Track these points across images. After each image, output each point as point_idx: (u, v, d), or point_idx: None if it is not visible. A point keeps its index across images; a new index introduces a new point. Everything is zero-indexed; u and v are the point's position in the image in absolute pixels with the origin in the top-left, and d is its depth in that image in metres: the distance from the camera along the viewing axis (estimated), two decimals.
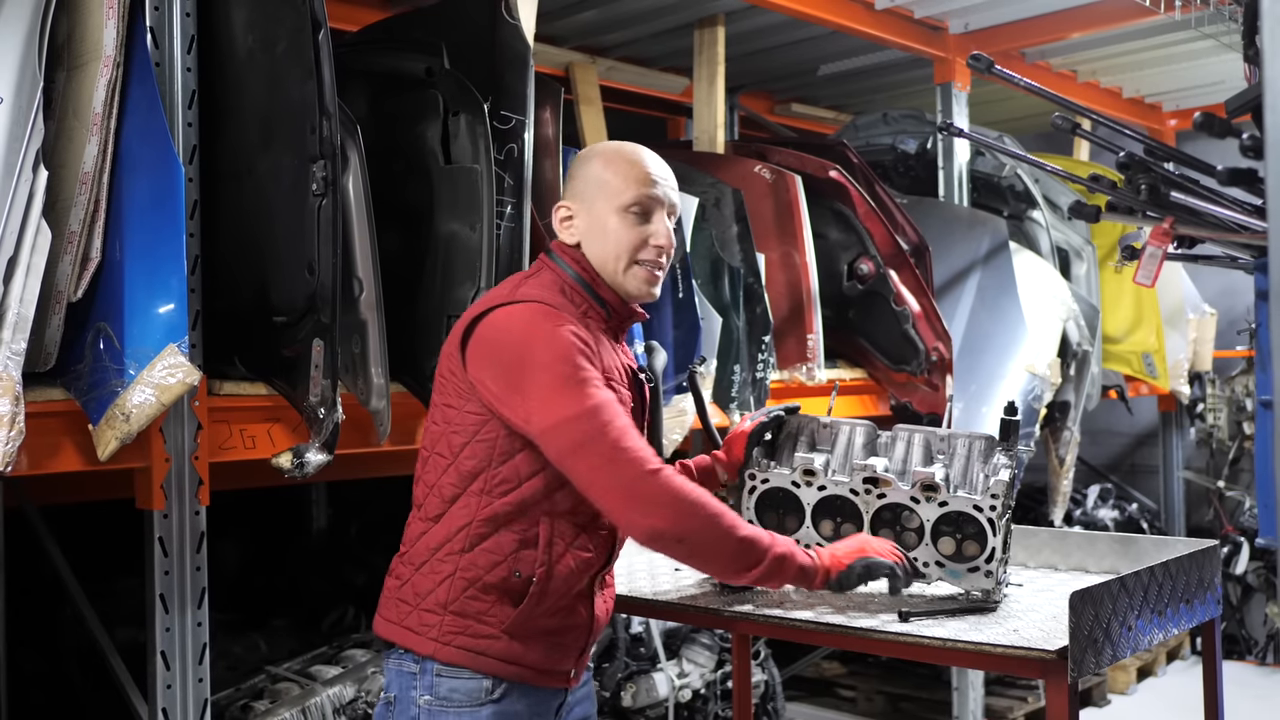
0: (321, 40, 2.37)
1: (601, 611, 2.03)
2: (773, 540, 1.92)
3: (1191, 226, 2.45)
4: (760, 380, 3.60)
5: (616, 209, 1.98)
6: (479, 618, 1.89)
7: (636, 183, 1.99)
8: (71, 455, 2.26)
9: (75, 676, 3.69)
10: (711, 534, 1.85)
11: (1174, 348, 5.40)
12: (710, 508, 1.85)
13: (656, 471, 1.82)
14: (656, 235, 1.98)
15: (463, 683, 1.89)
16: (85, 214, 2.23)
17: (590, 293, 1.99)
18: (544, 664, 1.94)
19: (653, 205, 1.99)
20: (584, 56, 4.67)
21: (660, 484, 1.82)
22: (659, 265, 2.00)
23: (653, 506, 1.81)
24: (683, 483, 1.84)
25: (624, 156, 2.03)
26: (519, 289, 1.96)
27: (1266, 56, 1.01)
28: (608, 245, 1.98)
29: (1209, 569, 2.22)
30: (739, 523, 1.89)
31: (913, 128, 5.07)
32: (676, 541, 1.84)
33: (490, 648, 1.89)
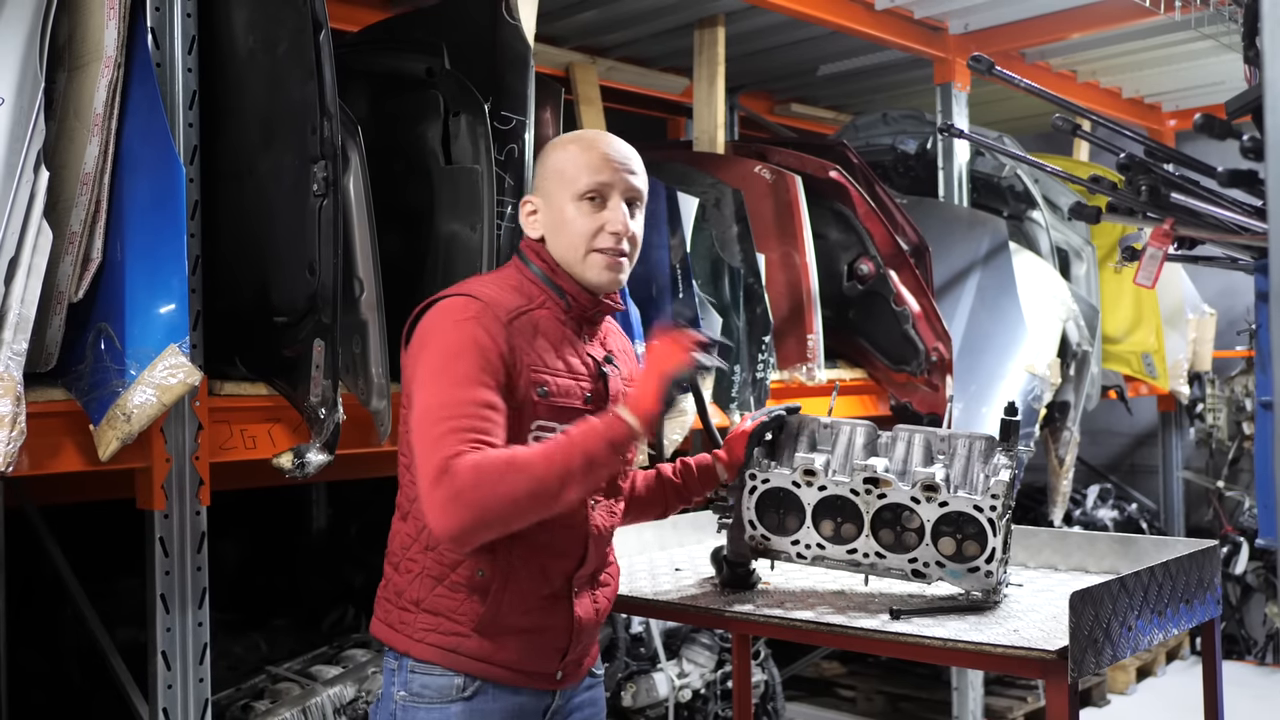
0: (322, 41, 2.37)
1: (586, 613, 1.98)
2: (568, 451, 1.76)
3: (1192, 228, 2.45)
4: (760, 380, 3.60)
5: (572, 197, 1.95)
6: (449, 615, 1.88)
7: (590, 169, 1.96)
8: (72, 455, 2.26)
9: (76, 676, 3.69)
10: (507, 504, 1.72)
11: (1173, 348, 5.40)
12: (490, 485, 1.71)
13: (444, 472, 1.72)
14: (612, 221, 1.95)
15: (434, 679, 1.89)
16: (86, 214, 2.23)
17: (550, 284, 1.96)
18: (520, 664, 1.91)
19: (608, 191, 1.96)
20: (584, 57, 4.67)
21: (440, 482, 1.72)
22: (619, 252, 1.96)
23: (441, 506, 1.72)
24: (472, 467, 1.71)
25: (578, 144, 2.00)
26: (467, 284, 1.95)
27: (1267, 58, 1.01)
28: (566, 235, 1.96)
29: (1209, 569, 2.22)
30: (525, 468, 1.73)
31: (912, 128, 5.08)
32: (480, 530, 1.74)
33: (461, 645, 1.88)
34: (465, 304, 1.87)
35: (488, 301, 1.87)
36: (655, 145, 5.05)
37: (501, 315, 1.87)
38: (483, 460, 1.73)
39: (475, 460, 1.73)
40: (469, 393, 1.79)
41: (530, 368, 1.87)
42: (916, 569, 2.18)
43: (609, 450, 1.78)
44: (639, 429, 1.79)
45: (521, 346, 1.87)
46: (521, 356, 1.86)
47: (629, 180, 1.98)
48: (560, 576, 1.93)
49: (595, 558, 1.99)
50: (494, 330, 1.85)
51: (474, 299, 1.87)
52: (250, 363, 2.55)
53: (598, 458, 1.78)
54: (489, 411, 1.79)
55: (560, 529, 1.91)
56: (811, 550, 2.26)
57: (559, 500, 1.77)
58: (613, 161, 1.97)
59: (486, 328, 1.84)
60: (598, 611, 2.02)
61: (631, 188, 1.98)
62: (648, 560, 2.69)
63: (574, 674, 2.02)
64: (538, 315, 1.93)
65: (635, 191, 1.99)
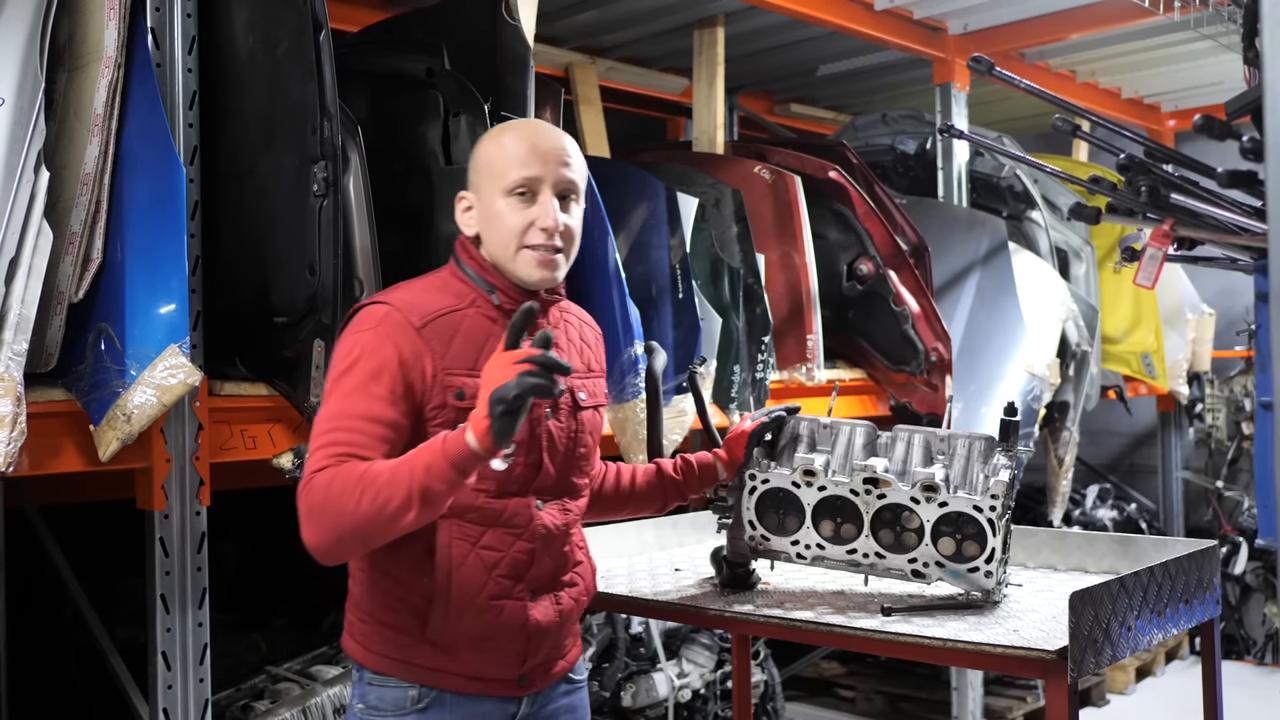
0: (323, 41, 2.37)
1: (546, 616, 1.90)
2: (411, 468, 1.67)
3: (1191, 228, 2.45)
4: (760, 380, 3.60)
5: (501, 192, 1.87)
6: (400, 625, 1.85)
7: (519, 163, 1.87)
8: (73, 456, 2.27)
9: (76, 677, 3.69)
10: (353, 521, 1.67)
11: (1173, 348, 5.40)
12: (338, 502, 1.67)
13: (305, 486, 1.70)
14: (543, 217, 1.86)
15: (389, 691, 1.86)
16: (86, 215, 2.23)
17: (480, 283, 1.90)
18: (477, 671, 1.86)
19: (538, 185, 1.87)
20: (584, 57, 4.67)
21: (301, 498, 1.71)
22: (552, 249, 1.87)
23: (304, 523, 1.71)
24: (325, 483, 1.69)
25: (506, 136, 1.92)
26: (393, 288, 1.91)
27: (1266, 59, 1.01)
28: (496, 232, 1.88)
29: (1208, 569, 2.22)
30: (370, 485, 1.66)
31: (912, 128, 5.08)
32: (337, 546, 1.70)
33: (414, 655, 1.85)
34: (371, 313, 1.83)
35: (399, 307, 1.82)
36: (655, 145, 5.06)
37: (414, 320, 1.81)
38: (336, 475, 1.69)
39: (330, 475, 1.69)
40: (351, 405, 1.75)
41: (445, 371, 1.81)
42: (916, 569, 2.18)
43: (450, 469, 1.66)
44: (478, 448, 1.65)
45: (436, 350, 1.81)
46: (435, 361, 1.81)
47: (561, 173, 1.89)
48: (507, 580, 1.86)
49: (548, 559, 1.90)
50: (399, 338, 1.79)
51: (383, 306, 1.83)
52: (250, 363, 2.55)
53: (439, 475, 1.66)
54: (369, 424, 1.74)
55: (501, 531, 1.85)
56: (811, 550, 2.26)
57: (404, 517, 1.67)
58: (543, 153, 1.88)
59: (389, 336, 1.79)
60: (561, 614, 1.93)
61: (564, 180, 1.90)
62: (648, 560, 2.70)
63: (541, 679, 1.95)
64: (462, 316, 1.86)
65: (568, 184, 1.90)
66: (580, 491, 2.01)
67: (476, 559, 1.84)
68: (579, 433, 1.97)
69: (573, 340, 2.03)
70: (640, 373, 3.05)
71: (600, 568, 2.59)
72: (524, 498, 1.88)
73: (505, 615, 1.85)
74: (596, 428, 2.04)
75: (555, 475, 1.92)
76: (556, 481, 1.93)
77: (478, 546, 1.84)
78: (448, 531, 1.83)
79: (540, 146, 1.89)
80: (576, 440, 1.97)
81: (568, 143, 1.93)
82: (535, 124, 1.98)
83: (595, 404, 2.04)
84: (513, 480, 1.86)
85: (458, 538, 1.83)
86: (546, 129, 1.94)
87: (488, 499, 1.84)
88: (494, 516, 1.85)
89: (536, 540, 1.88)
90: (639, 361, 3.05)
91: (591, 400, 2.02)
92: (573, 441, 1.96)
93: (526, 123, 1.99)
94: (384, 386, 1.77)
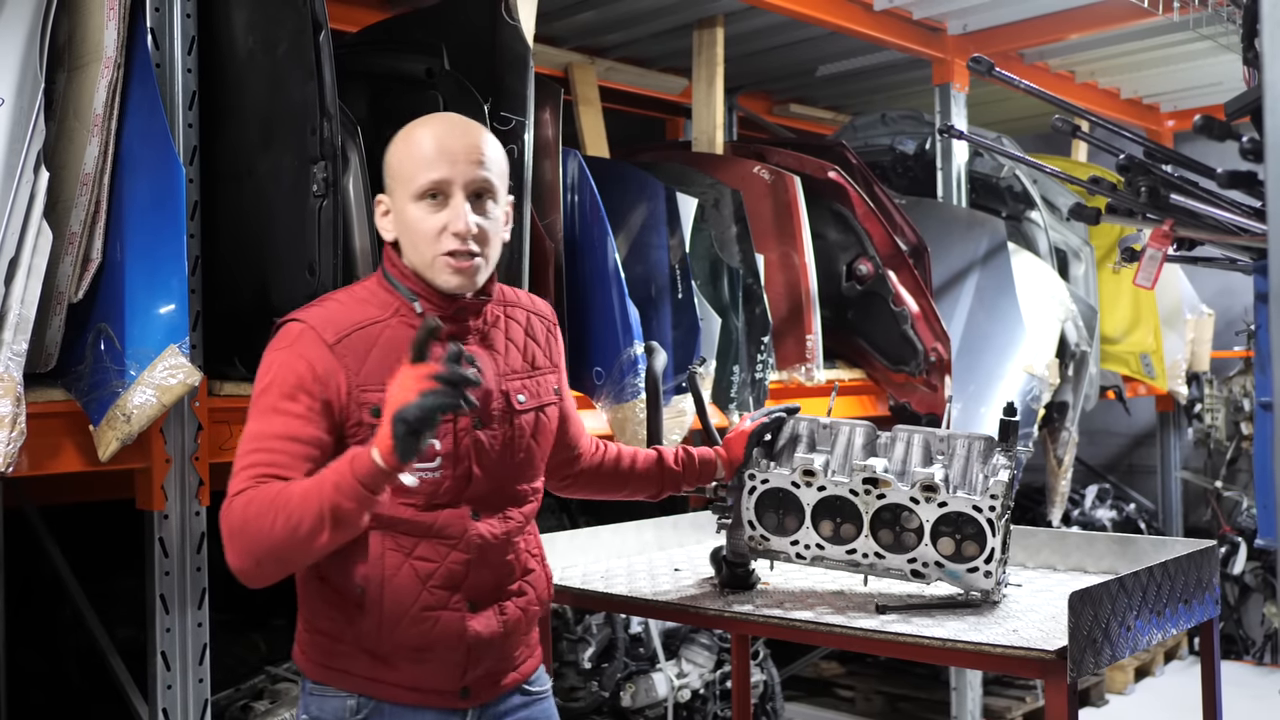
0: (322, 41, 2.37)
1: (488, 627, 1.84)
2: (320, 488, 1.63)
3: (1191, 229, 2.46)
4: (759, 381, 3.60)
5: (411, 197, 1.80)
6: (338, 634, 1.83)
7: (425, 165, 1.79)
8: (72, 456, 2.26)
9: (75, 677, 3.68)
10: (269, 544, 1.64)
11: (1172, 348, 5.40)
12: (254, 524, 1.64)
13: (226, 510, 1.67)
14: (454, 221, 1.78)
15: (329, 701, 1.84)
16: (86, 215, 2.23)
17: (404, 291, 1.84)
18: (415, 682, 1.82)
19: (448, 187, 1.78)
20: (583, 57, 4.67)
21: (222, 521, 1.68)
22: (467, 254, 1.79)
23: (225, 546, 1.67)
24: (243, 506, 1.66)
25: (413, 136, 1.83)
26: (315, 302, 1.86)
27: (1266, 60, 1.01)
28: (410, 239, 1.82)
29: (1207, 569, 2.22)
30: (284, 506, 1.63)
31: (911, 128, 5.08)
32: (258, 569, 1.67)
33: (352, 665, 1.82)
34: (287, 331, 1.80)
35: (313, 324, 1.78)
36: (654, 146, 5.06)
37: (327, 337, 1.77)
38: (254, 498, 1.66)
39: (248, 498, 1.66)
40: (270, 425, 1.72)
41: (359, 388, 1.75)
42: (915, 569, 2.18)
43: (358, 487, 1.61)
44: (384, 466, 1.60)
45: (350, 367, 1.76)
46: (350, 378, 1.75)
47: (472, 172, 1.80)
48: (442, 591, 1.81)
49: (486, 570, 1.85)
50: (312, 355, 1.75)
51: (298, 323, 1.79)
52: (250, 363, 2.53)
53: (348, 494, 1.61)
54: (289, 444, 1.71)
55: (434, 543, 1.81)
56: (811, 550, 2.26)
57: (318, 538, 1.62)
58: (451, 153, 1.79)
59: (302, 354, 1.75)
60: (506, 624, 1.87)
61: (476, 180, 1.80)
62: (647, 560, 2.70)
63: (488, 691, 1.89)
64: (382, 328, 1.80)
65: (481, 183, 1.81)
66: (527, 498, 1.94)
67: (410, 570, 1.79)
68: (518, 438, 1.90)
69: (513, 338, 1.95)
70: (640, 373, 3.05)
71: (600, 568, 2.60)
72: (457, 508, 1.83)
73: (441, 626, 1.81)
74: (544, 428, 1.96)
75: (490, 485, 1.86)
76: (493, 491, 1.87)
77: (411, 557, 1.80)
78: (381, 542, 1.79)
79: (448, 146, 1.80)
80: (515, 447, 1.89)
81: (482, 138, 1.84)
82: (445, 120, 1.87)
83: (539, 405, 1.95)
84: (442, 493, 1.81)
85: (391, 548, 1.79)
86: (457, 125, 1.85)
87: (417, 512, 1.80)
88: (425, 529, 1.80)
89: (472, 551, 1.83)
90: (638, 362, 3.05)
91: (534, 401, 1.94)
92: (510, 449, 1.88)
93: (436, 120, 1.86)
94: (301, 404, 1.73)
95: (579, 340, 3.13)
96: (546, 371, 1.99)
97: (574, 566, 2.61)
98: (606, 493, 2.27)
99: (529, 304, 2.02)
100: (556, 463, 2.13)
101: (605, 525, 2.74)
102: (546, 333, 2.01)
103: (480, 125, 1.87)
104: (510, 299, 1.98)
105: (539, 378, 1.96)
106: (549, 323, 2.03)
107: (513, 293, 2.00)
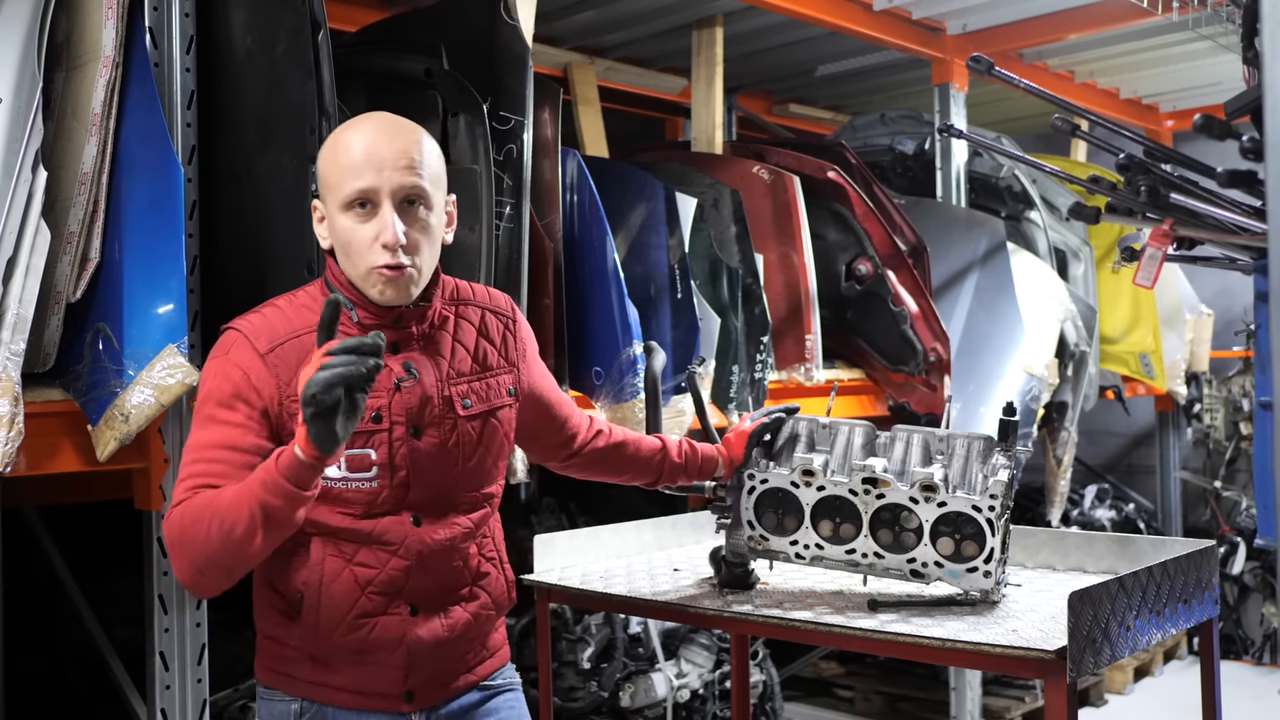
0: (321, 41, 2.37)
1: (432, 631, 1.82)
2: (250, 491, 1.59)
3: (1191, 228, 2.46)
4: (759, 381, 3.60)
5: (339, 207, 1.73)
6: (282, 638, 1.81)
7: (352, 173, 1.71)
8: (70, 456, 2.26)
9: (74, 677, 3.68)
10: (207, 552, 1.60)
11: (1171, 348, 5.40)
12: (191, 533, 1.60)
13: (166, 521, 1.65)
14: (382, 232, 1.71)
15: (275, 704, 1.83)
16: (84, 214, 2.22)
17: (342, 300, 1.75)
18: (357, 686, 1.80)
19: (376, 196, 1.71)
20: (582, 57, 4.67)
21: (165, 534, 1.65)
22: (397, 266, 1.72)
23: (170, 559, 1.65)
24: (179, 516, 1.63)
25: (338, 143, 1.75)
26: (256, 309, 1.82)
27: (1266, 59, 1.01)
28: (341, 250, 1.76)
29: (1206, 569, 2.22)
30: (217, 513, 1.59)
31: (910, 128, 5.08)
32: (201, 579, 1.63)
33: (295, 669, 1.81)
34: (224, 340, 1.77)
35: (247, 333, 1.75)
36: (653, 145, 5.05)
37: (260, 346, 1.73)
38: (189, 507, 1.62)
39: (184, 508, 1.63)
40: (209, 435, 1.70)
41: (289, 398, 1.71)
42: (915, 569, 2.18)
43: (284, 482, 1.56)
44: (304, 458, 1.54)
45: (282, 377, 1.72)
46: (281, 389, 1.72)
47: (401, 180, 1.72)
48: (381, 597, 1.78)
49: (428, 576, 1.81)
50: (245, 363, 1.73)
51: (234, 332, 1.77)
52: None
53: (275, 491, 1.57)
54: (228, 453, 1.68)
55: (375, 549, 1.78)
56: (810, 550, 2.26)
57: (253, 541, 1.58)
58: (378, 160, 1.71)
59: (236, 363, 1.73)
60: (452, 628, 1.84)
61: (405, 187, 1.72)
62: (646, 560, 2.69)
63: (435, 694, 1.87)
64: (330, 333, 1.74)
65: (411, 190, 1.73)
66: (478, 504, 1.89)
67: (350, 575, 1.77)
68: (463, 444, 1.84)
69: (463, 340, 1.88)
70: (639, 373, 3.05)
71: (599, 568, 2.60)
72: (398, 515, 1.79)
73: (380, 630, 1.78)
74: (494, 432, 1.89)
75: (431, 492, 1.81)
76: (435, 498, 1.82)
77: (352, 563, 1.77)
78: (322, 549, 1.77)
79: (375, 152, 1.71)
80: (459, 454, 1.84)
81: (413, 141, 1.75)
82: (374, 123, 1.77)
83: (488, 409, 1.88)
84: (380, 502, 1.78)
85: (332, 554, 1.77)
86: (385, 129, 1.75)
87: (355, 520, 1.77)
88: (365, 536, 1.77)
89: (412, 557, 1.79)
90: (638, 362, 3.05)
91: (481, 406, 1.87)
92: (451, 456, 1.83)
93: (364, 122, 1.76)
94: (239, 414, 1.71)
95: (578, 340, 3.13)
96: (500, 372, 1.92)
97: (573, 566, 2.61)
98: (605, 476, 2.25)
99: (485, 300, 1.95)
100: (552, 445, 2.13)
101: (605, 525, 2.74)
102: (504, 330, 1.95)
103: (413, 125, 1.78)
104: (464, 295, 1.93)
105: (490, 379, 1.90)
106: (507, 319, 1.96)
107: (468, 289, 1.94)
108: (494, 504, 1.94)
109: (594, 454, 2.19)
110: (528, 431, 2.05)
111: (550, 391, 2.08)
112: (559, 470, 2.23)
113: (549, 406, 2.07)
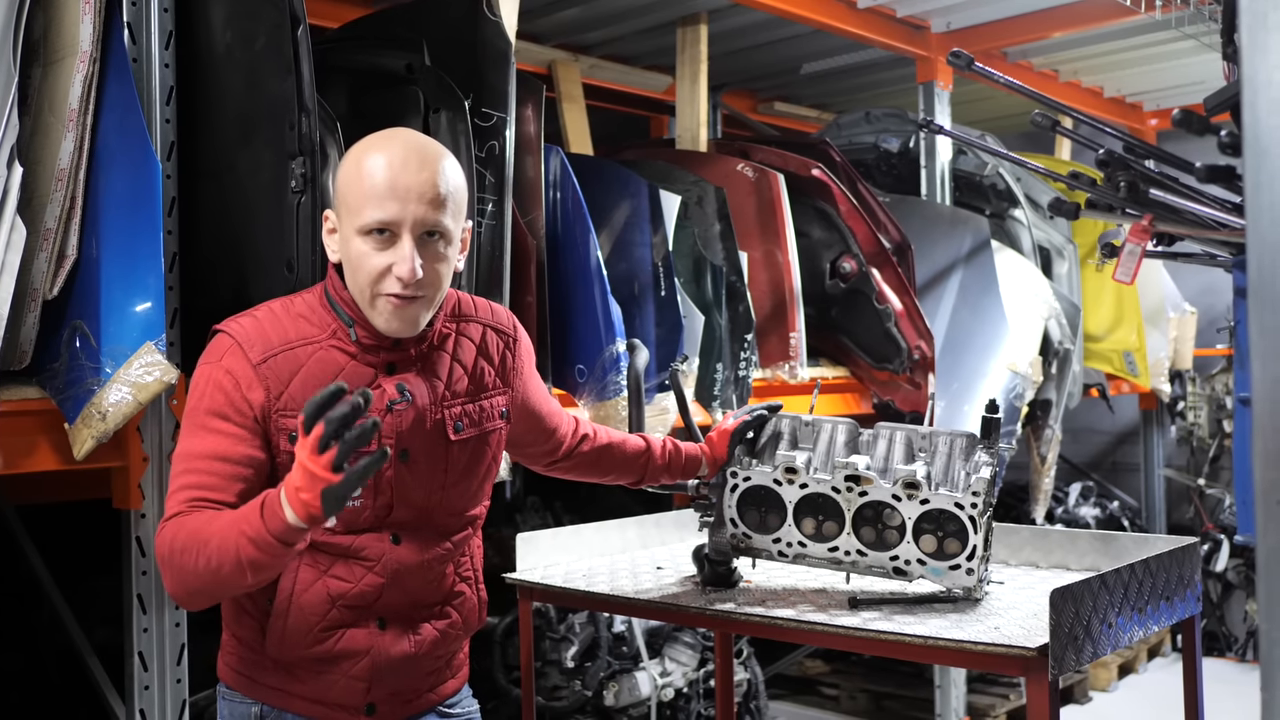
0: (300, 36, 2.35)
1: (399, 647, 1.80)
2: (236, 548, 1.54)
3: (1170, 224, 2.46)
4: (742, 378, 3.60)
5: (356, 230, 1.69)
6: (251, 642, 1.81)
7: (374, 202, 1.67)
8: (47, 454, 2.24)
9: (53, 677, 3.66)
10: (195, 579, 1.58)
11: (1155, 346, 5.42)
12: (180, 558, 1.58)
13: (159, 534, 1.63)
14: (399, 264, 1.67)
15: (236, 706, 1.83)
16: (61, 211, 2.20)
17: (342, 315, 1.76)
18: (318, 695, 1.79)
19: (397, 227, 1.67)
20: (566, 54, 4.66)
21: (156, 544, 1.63)
22: (408, 298, 1.69)
23: (160, 570, 1.63)
24: (170, 536, 1.60)
25: (366, 164, 1.69)
26: (249, 312, 1.79)
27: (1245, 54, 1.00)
28: (351, 271, 1.72)
29: (1189, 566, 2.22)
30: (205, 544, 1.56)
31: (895, 126, 5.08)
32: (191, 598, 1.61)
33: (259, 673, 1.81)
34: (216, 344, 1.74)
35: (241, 340, 1.72)
36: (637, 143, 5.05)
37: (253, 356, 1.70)
38: (181, 528, 1.60)
39: (176, 526, 1.61)
40: (200, 444, 1.67)
41: (278, 412, 1.69)
42: (898, 566, 2.18)
43: (273, 542, 1.52)
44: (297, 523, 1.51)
45: (272, 390, 1.69)
46: (270, 401, 1.69)
47: (423, 214, 1.67)
48: (350, 610, 1.77)
49: (401, 592, 1.79)
50: (237, 371, 1.69)
51: (227, 338, 1.73)
52: None
53: (265, 548, 1.53)
54: (219, 464, 1.65)
55: (352, 564, 1.76)
56: (793, 548, 2.25)
57: (241, 580, 1.56)
58: (403, 191, 1.66)
59: (228, 371, 1.70)
60: (419, 644, 1.83)
61: (426, 222, 1.68)
62: (630, 559, 2.69)
63: (397, 709, 1.85)
64: (313, 350, 1.73)
65: (432, 225, 1.69)
66: (461, 526, 1.87)
67: (323, 587, 1.75)
68: (450, 468, 1.83)
69: (462, 359, 1.85)
70: (622, 370, 3.04)
71: (582, 566, 2.59)
72: (378, 533, 1.78)
73: (346, 641, 1.77)
74: (482, 456, 1.88)
75: (414, 514, 1.80)
76: (417, 520, 1.81)
77: (327, 575, 1.76)
78: (298, 557, 1.74)
79: (401, 183, 1.67)
80: (445, 479, 1.82)
81: (439, 172, 1.70)
82: (402, 147, 1.71)
83: (479, 433, 1.86)
84: (362, 520, 1.76)
85: (308, 564, 1.75)
86: (414, 156, 1.70)
87: (333, 536, 1.75)
88: (343, 550, 1.76)
89: (388, 575, 1.78)
90: (621, 359, 3.04)
91: (473, 430, 1.85)
92: (438, 479, 1.81)
93: (392, 145, 1.71)
94: (230, 423, 1.68)
95: (561, 337, 3.12)
96: (495, 393, 1.90)
97: (556, 565, 2.60)
98: (589, 477, 2.25)
99: (487, 316, 1.92)
100: (538, 453, 2.14)
101: (588, 524, 2.73)
102: (503, 348, 1.92)
103: (439, 150, 1.74)
104: (466, 310, 1.89)
105: (484, 401, 1.88)
106: (508, 336, 1.94)
107: (470, 303, 1.91)
108: (477, 525, 1.93)
109: (578, 457, 2.19)
110: (515, 440, 2.05)
111: (542, 404, 2.07)
112: (543, 472, 2.23)
113: (540, 419, 2.07)
